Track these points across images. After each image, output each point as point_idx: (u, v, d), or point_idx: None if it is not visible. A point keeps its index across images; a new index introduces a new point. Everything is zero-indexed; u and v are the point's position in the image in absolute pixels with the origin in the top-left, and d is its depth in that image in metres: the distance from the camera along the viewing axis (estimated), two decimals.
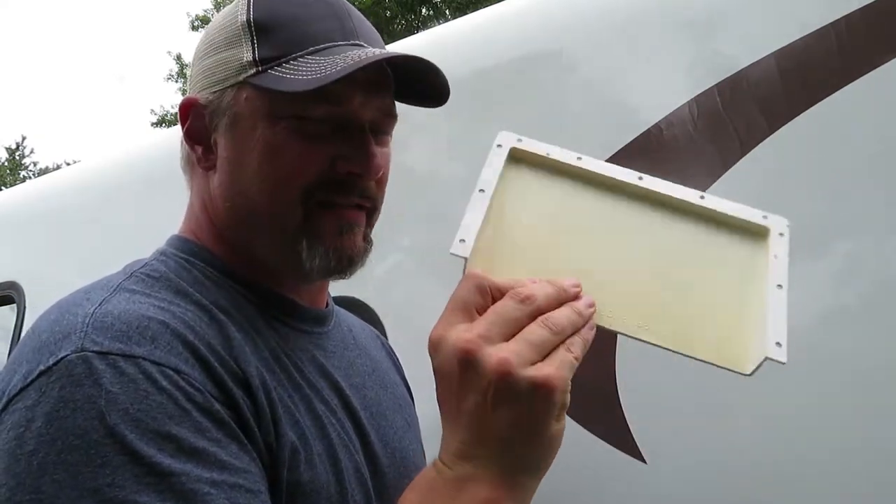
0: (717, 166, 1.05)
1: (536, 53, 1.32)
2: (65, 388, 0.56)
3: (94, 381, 0.56)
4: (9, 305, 2.08)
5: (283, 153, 0.72)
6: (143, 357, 0.59)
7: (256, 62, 0.73)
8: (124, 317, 0.61)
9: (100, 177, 2.14)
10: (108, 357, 0.58)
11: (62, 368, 0.57)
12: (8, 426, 0.57)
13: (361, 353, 0.89)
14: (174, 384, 0.59)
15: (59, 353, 0.58)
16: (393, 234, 1.35)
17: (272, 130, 0.72)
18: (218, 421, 0.60)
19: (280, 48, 0.72)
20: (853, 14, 1.00)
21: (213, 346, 0.65)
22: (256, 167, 0.73)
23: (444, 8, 13.73)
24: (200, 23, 15.57)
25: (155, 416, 0.57)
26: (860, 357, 0.92)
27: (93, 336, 0.59)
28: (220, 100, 0.74)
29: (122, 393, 0.56)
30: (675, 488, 1.00)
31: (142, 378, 0.58)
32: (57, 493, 0.53)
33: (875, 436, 0.90)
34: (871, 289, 0.95)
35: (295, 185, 0.72)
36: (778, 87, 1.04)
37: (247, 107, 0.73)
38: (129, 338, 0.60)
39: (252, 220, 0.75)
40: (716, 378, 1.00)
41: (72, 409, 0.55)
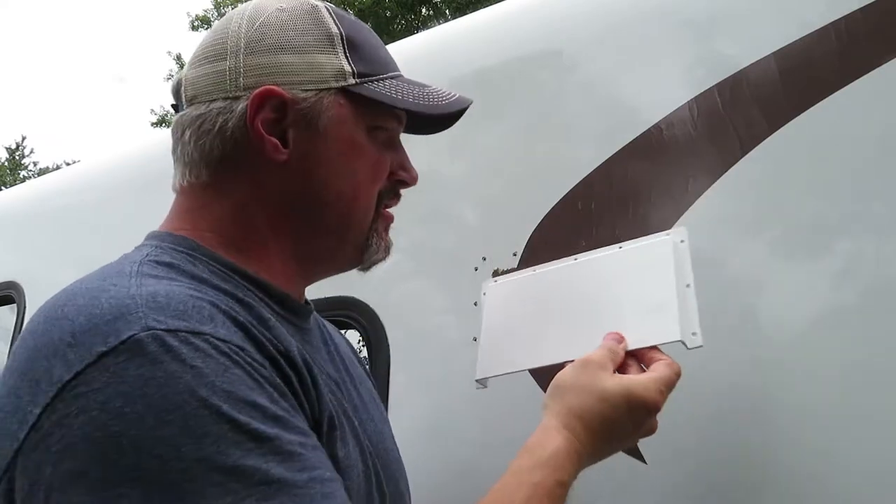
0: (717, 166, 1.05)
1: (536, 53, 1.32)
2: (142, 366, 0.56)
3: (173, 357, 0.57)
4: (9, 305, 2.08)
5: (369, 157, 0.82)
6: (209, 334, 0.61)
7: (355, 74, 0.80)
8: (175, 297, 0.63)
9: (100, 177, 2.14)
10: (179, 334, 0.59)
11: (132, 348, 0.57)
12: (74, 411, 0.56)
13: (335, 349, 0.92)
14: (242, 360, 0.61)
15: (121, 334, 0.57)
16: (393, 234, 1.35)
17: (365, 137, 0.82)
18: (282, 393, 0.63)
19: (370, 66, 0.82)
20: (853, 14, 1.00)
21: (256, 326, 0.68)
22: (351, 169, 0.81)
23: (444, 8, 13.73)
24: (200, 23, 15.56)
25: (239, 387, 0.59)
26: (860, 357, 0.92)
27: (154, 315, 0.59)
28: (318, 98, 0.79)
29: (205, 367, 0.58)
30: (675, 488, 1.00)
31: (216, 353, 0.59)
32: (161, 467, 0.54)
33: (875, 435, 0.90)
34: (870, 289, 0.95)
35: (375, 189, 0.84)
36: (778, 87, 1.04)
37: (340, 112, 0.80)
38: (190, 316, 0.61)
39: (333, 212, 0.81)
40: (716, 378, 1.01)
41: (157, 385, 0.55)
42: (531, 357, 0.90)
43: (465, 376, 1.21)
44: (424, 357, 1.27)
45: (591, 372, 0.76)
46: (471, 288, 1.23)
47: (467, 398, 1.19)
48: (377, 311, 1.33)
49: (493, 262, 1.23)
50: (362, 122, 0.81)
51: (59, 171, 2.99)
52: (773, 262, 1.01)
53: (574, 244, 1.15)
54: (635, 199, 1.11)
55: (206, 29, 12.32)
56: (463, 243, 1.29)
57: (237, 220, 0.79)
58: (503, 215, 1.25)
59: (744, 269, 1.02)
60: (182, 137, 0.80)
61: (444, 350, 1.24)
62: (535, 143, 1.27)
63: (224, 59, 0.79)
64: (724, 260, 1.04)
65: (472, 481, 1.16)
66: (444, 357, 1.24)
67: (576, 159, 1.19)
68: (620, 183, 1.13)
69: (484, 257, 1.23)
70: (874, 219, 0.95)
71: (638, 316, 0.83)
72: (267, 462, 0.56)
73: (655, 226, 1.09)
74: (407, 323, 1.32)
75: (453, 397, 1.21)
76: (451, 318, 1.27)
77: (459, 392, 1.20)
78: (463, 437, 1.18)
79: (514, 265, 1.21)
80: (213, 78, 0.79)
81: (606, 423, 0.75)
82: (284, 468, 0.57)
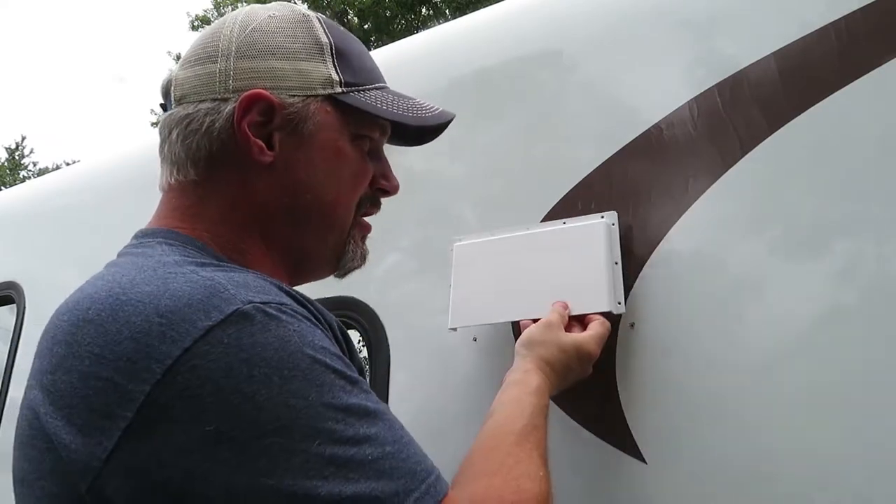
0: (717, 166, 1.05)
1: (536, 53, 1.32)
2: (254, 334, 0.63)
3: (278, 324, 0.65)
4: (9, 305, 2.08)
5: (352, 164, 0.85)
6: (289, 305, 0.69)
7: (342, 83, 0.83)
8: (246, 281, 0.69)
9: (100, 177, 2.14)
10: (271, 305, 0.66)
11: (240, 319, 0.63)
12: (196, 383, 0.60)
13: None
14: (317, 325, 0.71)
15: (224, 308, 0.63)
16: (393, 234, 1.35)
17: (348, 145, 0.84)
18: (347, 364, 0.71)
19: (357, 76, 0.85)
20: (853, 14, 1.00)
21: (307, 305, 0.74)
22: (330, 172, 0.83)
23: (444, 8, 13.72)
24: (200, 23, 15.55)
25: (328, 344, 0.69)
26: (859, 357, 0.92)
27: (244, 293, 0.66)
28: (305, 104, 0.81)
29: (303, 329, 0.67)
30: (675, 488, 1.00)
31: (302, 318, 0.68)
32: (297, 414, 0.62)
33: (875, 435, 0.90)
34: (870, 289, 0.95)
35: (355, 196, 0.87)
36: (778, 87, 1.04)
37: (326, 119, 0.82)
38: (269, 292, 0.69)
39: (314, 216, 0.84)
40: (716, 379, 1.01)
41: (273, 349, 0.63)
42: (495, 313, 1.13)
43: (465, 376, 1.21)
44: (424, 357, 1.27)
45: (553, 331, 0.99)
46: None
47: (467, 398, 1.19)
48: (377, 311, 1.33)
49: None
50: (347, 130, 0.84)
51: (59, 171, 2.98)
52: (773, 262, 1.01)
53: None
54: (635, 198, 1.11)
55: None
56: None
57: (228, 220, 0.81)
58: (503, 215, 1.25)
59: (743, 269, 1.02)
60: (169, 136, 0.83)
61: (444, 350, 1.24)
62: (535, 143, 1.27)
63: (215, 62, 0.81)
64: (724, 260, 1.04)
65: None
66: (444, 357, 1.24)
67: (576, 159, 1.19)
68: (620, 183, 1.13)
69: None
70: (874, 219, 0.95)
71: (578, 286, 1.06)
72: (363, 399, 0.67)
73: (655, 226, 1.09)
74: (407, 323, 1.32)
75: (453, 397, 1.21)
76: None
77: (459, 392, 1.20)
78: (463, 437, 1.17)
79: None
80: (203, 79, 0.81)
81: (564, 368, 0.97)
82: (373, 401, 0.68)
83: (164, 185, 0.86)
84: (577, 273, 1.07)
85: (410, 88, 0.95)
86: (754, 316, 1.00)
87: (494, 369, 1.20)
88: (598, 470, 1.06)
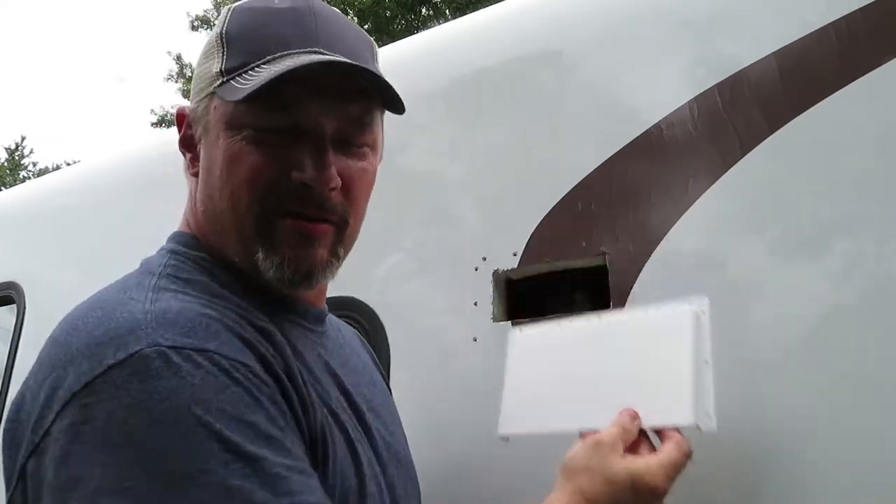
0: (717, 166, 1.05)
1: (536, 53, 1.32)
2: (145, 380, 0.58)
3: (174, 373, 0.59)
4: (9, 305, 2.08)
5: (240, 163, 0.74)
6: (214, 351, 0.62)
7: (222, 73, 0.75)
8: (185, 314, 0.65)
9: (100, 177, 2.14)
10: (183, 351, 0.61)
11: (138, 362, 0.59)
12: (80, 419, 0.58)
13: (352, 352, 0.92)
14: (244, 376, 0.62)
15: (129, 348, 0.60)
16: (393, 234, 1.35)
17: (231, 140, 0.74)
18: (282, 411, 0.65)
19: (241, 58, 0.74)
20: (853, 14, 1.00)
21: (262, 342, 0.68)
22: (218, 175, 0.75)
23: (444, 8, 13.72)
24: (200, 23, 15.55)
25: (235, 405, 0.60)
26: (859, 357, 0.92)
27: (161, 332, 0.62)
28: (197, 109, 0.78)
29: (204, 384, 0.59)
30: (674, 488, 1.00)
31: (217, 370, 0.61)
32: (152, 480, 0.56)
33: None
34: (870, 289, 0.95)
35: (248, 194, 0.74)
36: (778, 87, 1.04)
37: (214, 116, 0.76)
38: (197, 333, 0.63)
39: (219, 227, 0.77)
40: (716, 379, 1.00)
41: (158, 400, 0.58)
42: (552, 420, 0.92)
43: (464, 376, 1.21)
44: (424, 357, 1.27)
45: (602, 454, 0.76)
46: (471, 288, 1.23)
47: (467, 398, 1.19)
48: (377, 311, 1.33)
49: (493, 262, 1.23)
50: (234, 123, 0.74)
51: (59, 171, 2.99)
52: (773, 262, 1.01)
53: (574, 244, 1.15)
54: (635, 198, 1.11)
55: (206, 29, 12.15)
56: (463, 243, 1.29)
57: (190, 226, 0.82)
58: (503, 215, 1.25)
59: (743, 268, 1.02)
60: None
61: (444, 350, 1.24)
62: (535, 143, 1.27)
63: (201, 64, 0.81)
64: (724, 260, 1.04)
65: (471, 480, 1.16)
66: (444, 357, 1.24)
67: (576, 159, 1.19)
68: (620, 183, 1.13)
69: (484, 257, 1.23)
70: (874, 219, 0.95)
71: (654, 390, 0.84)
72: (251, 483, 0.58)
73: (655, 225, 1.08)
74: (407, 323, 1.32)
75: (453, 397, 1.21)
76: (451, 318, 1.27)
77: (459, 392, 1.20)
78: (462, 437, 1.17)
79: (514, 265, 1.21)
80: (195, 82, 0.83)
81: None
82: (267, 490, 0.58)
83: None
84: (656, 374, 0.86)
85: (410, 88, 0.95)
86: (754, 316, 1.00)
87: (494, 369, 1.21)
88: None
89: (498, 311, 1.21)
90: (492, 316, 1.20)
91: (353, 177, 0.77)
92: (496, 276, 1.22)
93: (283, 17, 0.76)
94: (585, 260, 1.14)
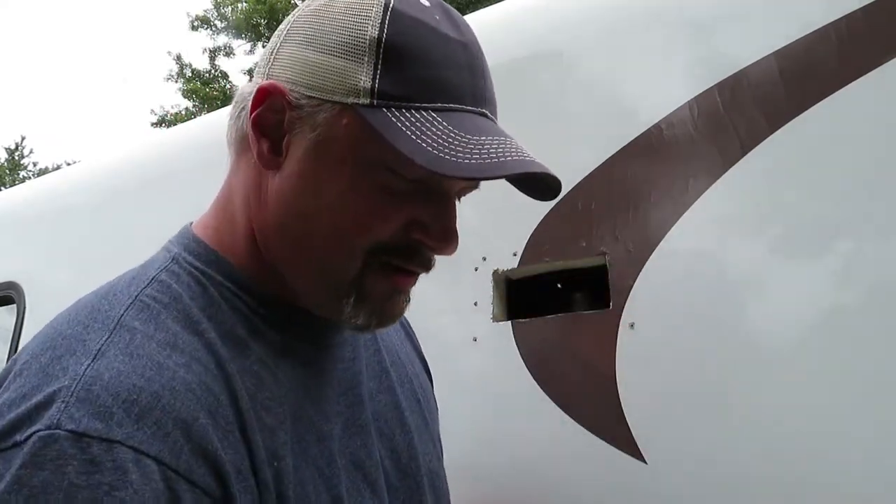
0: (717, 166, 1.05)
1: (536, 53, 1.32)
2: (24, 467, 0.52)
3: (56, 468, 0.52)
4: (8, 305, 2.08)
5: (364, 201, 0.65)
6: (120, 441, 0.54)
7: (374, 93, 0.63)
8: (113, 385, 0.56)
9: (100, 177, 2.14)
10: (83, 440, 0.53)
11: (31, 444, 0.53)
12: None
13: (378, 350, 0.85)
14: (145, 477, 0.54)
15: (33, 424, 0.54)
16: None
17: (361, 172, 0.65)
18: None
19: (404, 87, 0.63)
20: (853, 14, 1.00)
21: (215, 415, 0.60)
22: (331, 203, 0.65)
23: None
24: (200, 23, 15.55)
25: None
26: (860, 357, 0.92)
27: (74, 409, 0.54)
28: (317, 110, 0.65)
29: (85, 487, 0.52)
30: (675, 488, 1.00)
31: (109, 468, 0.53)
32: None
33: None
34: (871, 289, 0.95)
35: (363, 238, 0.66)
36: (778, 87, 1.04)
37: (344, 133, 0.64)
38: (112, 415, 0.55)
39: (304, 251, 0.68)
40: (716, 379, 1.01)
41: (27, 493, 0.51)
42: None
43: (464, 376, 1.21)
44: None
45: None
46: (471, 288, 1.23)
47: (467, 398, 1.19)
48: None
49: (493, 262, 1.23)
50: (370, 156, 0.64)
51: (59, 171, 2.99)
52: (773, 261, 1.01)
53: (574, 244, 1.15)
54: (635, 198, 1.11)
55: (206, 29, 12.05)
56: (463, 243, 1.28)
57: (247, 225, 0.71)
58: (503, 215, 1.25)
59: (743, 268, 1.02)
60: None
61: (444, 350, 1.24)
62: (535, 143, 1.27)
63: (277, 38, 0.70)
64: (724, 260, 1.04)
65: (470, 480, 1.16)
66: (444, 357, 1.24)
67: (576, 159, 1.19)
68: (620, 183, 1.13)
69: (484, 257, 1.23)
70: (874, 219, 0.95)
71: None
72: None
73: (655, 225, 1.09)
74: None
75: (453, 397, 1.21)
76: (451, 318, 1.27)
77: (459, 391, 1.20)
78: (462, 437, 1.17)
79: (514, 265, 1.21)
80: (262, 57, 0.71)
81: None
82: None
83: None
84: None
85: None
86: (754, 316, 1.00)
87: (494, 369, 1.21)
88: (598, 470, 1.06)
89: (498, 311, 1.21)
90: (492, 316, 1.20)
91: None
92: (496, 276, 1.22)
93: (456, 53, 0.67)
94: (585, 260, 1.14)
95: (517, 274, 1.22)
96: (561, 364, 1.13)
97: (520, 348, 1.16)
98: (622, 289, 1.08)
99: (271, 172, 0.68)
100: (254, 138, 0.67)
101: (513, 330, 1.17)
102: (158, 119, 16.42)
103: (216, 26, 15.43)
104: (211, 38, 17.03)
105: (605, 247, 1.12)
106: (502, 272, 1.22)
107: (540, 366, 1.14)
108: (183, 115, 15.39)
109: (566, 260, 1.16)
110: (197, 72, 15.62)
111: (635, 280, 1.08)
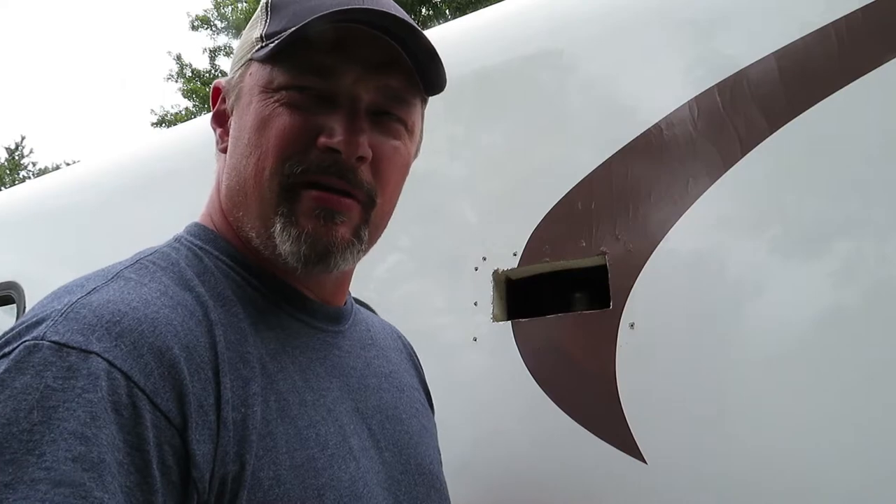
0: (717, 166, 1.05)
1: (536, 53, 1.32)
2: (9, 371, 0.56)
3: (37, 373, 0.56)
4: (8, 305, 2.08)
5: (271, 124, 0.70)
6: (97, 353, 0.57)
7: (262, 38, 0.72)
8: (100, 309, 0.60)
9: (100, 177, 2.14)
10: (63, 349, 0.57)
11: (17, 352, 0.57)
12: None
13: (379, 354, 0.86)
14: (113, 387, 0.56)
15: (21, 339, 0.58)
16: (393, 233, 1.35)
17: (264, 102, 0.71)
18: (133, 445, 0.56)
19: (284, 22, 0.71)
20: (853, 14, 1.00)
21: (191, 351, 0.62)
22: (247, 141, 0.71)
23: (444, 8, 13.72)
24: (200, 23, 15.54)
25: (78, 417, 0.54)
26: (860, 357, 0.92)
27: (60, 325, 0.58)
28: (233, 79, 0.75)
29: (59, 390, 0.55)
30: (675, 488, 1.00)
31: (83, 375, 0.56)
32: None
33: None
34: (870, 289, 0.95)
35: (274, 160, 0.69)
36: (778, 87, 1.04)
37: (249, 82, 0.73)
38: (93, 331, 0.58)
39: (241, 196, 0.72)
40: (716, 379, 1.01)
41: (8, 394, 0.55)
42: None
43: (464, 376, 1.21)
44: (424, 357, 1.27)
45: None
46: (471, 288, 1.23)
47: (467, 397, 1.19)
48: (377, 311, 1.33)
49: (493, 262, 1.23)
50: (269, 85, 0.71)
51: (59, 171, 2.99)
52: (773, 261, 1.01)
53: (574, 244, 1.15)
54: (635, 198, 1.11)
55: (206, 29, 12.02)
56: (463, 243, 1.29)
57: (222, 211, 0.77)
58: (503, 215, 1.25)
59: (743, 268, 1.02)
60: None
61: (443, 350, 1.24)
62: (536, 143, 1.27)
63: (244, 36, 0.79)
64: (724, 260, 1.04)
65: (470, 479, 1.16)
66: (444, 357, 1.24)
67: (576, 159, 1.19)
68: (620, 183, 1.13)
69: (484, 257, 1.23)
70: (874, 219, 0.95)
71: None
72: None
73: (655, 225, 1.09)
74: (407, 323, 1.32)
75: (453, 397, 1.21)
76: (451, 318, 1.27)
77: (459, 391, 1.20)
78: (462, 436, 1.17)
79: (514, 265, 1.21)
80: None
81: None
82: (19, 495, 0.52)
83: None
84: None
85: None
86: (754, 315, 1.00)
87: (494, 369, 1.21)
88: (598, 470, 1.06)
89: (498, 311, 1.21)
90: (492, 316, 1.20)
91: (385, 153, 0.72)
92: (496, 276, 1.22)
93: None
94: (585, 260, 1.14)
95: (517, 274, 1.22)
96: (561, 364, 1.13)
97: (520, 348, 1.16)
98: (622, 289, 1.08)
99: (225, 154, 0.76)
100: (216, 133, 0.77)
101: (513, 330, 1.17)
102: (158, 119, 16.41)
103: (216, 26, 15.43)
104: (211, 38, 17.05)
105: (605, 247, 1.12)
106: (502, 272, 1.22)
107: (540, 366, 1.14)
108: (183, 115, 15.38)
109: (566, 260, 1.16)
110: (197, 72, 15.60)
111: (635, 280, 1.08)
